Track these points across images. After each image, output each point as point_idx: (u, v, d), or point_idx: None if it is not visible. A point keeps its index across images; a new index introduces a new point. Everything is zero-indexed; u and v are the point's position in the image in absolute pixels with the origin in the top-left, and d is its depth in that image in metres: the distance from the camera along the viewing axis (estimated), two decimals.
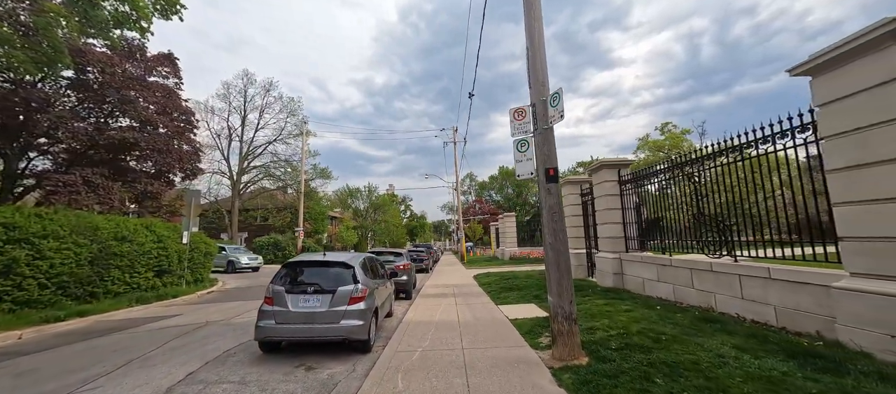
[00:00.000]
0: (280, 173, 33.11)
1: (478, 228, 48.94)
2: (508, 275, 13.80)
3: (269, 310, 4.75)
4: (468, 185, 70.65)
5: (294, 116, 32.76)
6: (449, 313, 7.41)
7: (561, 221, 4.43)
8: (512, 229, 25.40)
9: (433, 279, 14.68)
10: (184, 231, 12.46)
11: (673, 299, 6.97)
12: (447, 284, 12.77)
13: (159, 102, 15.17)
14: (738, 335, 4.35)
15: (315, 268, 5.13)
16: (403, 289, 9.64)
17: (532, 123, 4.71)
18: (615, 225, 9.17)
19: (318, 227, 36.00)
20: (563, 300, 4.19)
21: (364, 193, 48.57)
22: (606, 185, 9.33)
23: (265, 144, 32.29)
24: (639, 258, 8.18)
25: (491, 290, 10.37)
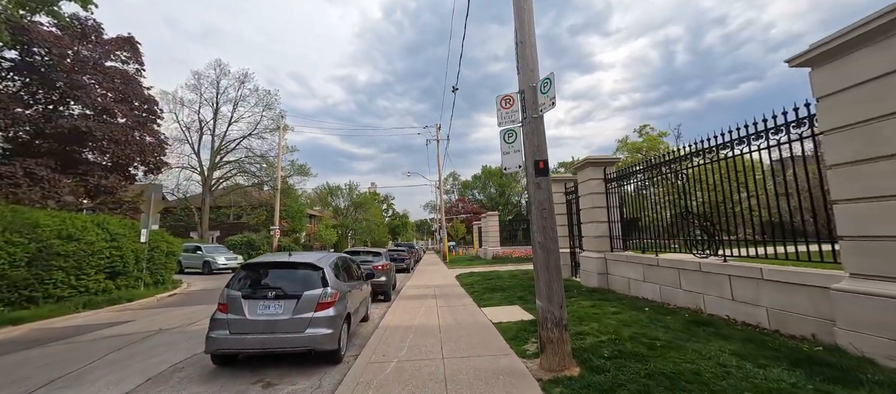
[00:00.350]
0: (255, 169, 31.72)
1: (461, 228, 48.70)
2: (491, 275, 13.49)
3: (222, 318, 4.17)
4: (451, 184, 70.39)
5: (270, 110, 31.48)
6: (429, 316, 6.97)
7: (551, 218, 4.07)
8: (495, 229, 25.20)
9: (414, 279, 14.20)
10: (142, 229, 11.49)
11: (660, 300, 6.78)
12: (428, 284, 12.33)
13: (117, 89, 14.01)
14: (734, 340, 4.12)
15: (279, 270, 4.57)
16: (382, 290, 9.13)
17: (521, 112, 4.33)
18: (600, 224, 8.97)
19: (295, 225, 34.75)
20: (553, 305, 3.83)
21: (345, 191, 47.39)
22: (592, 183, 9.12)
23: (239, 139, 30.84)
24: (624, 258, 7.98)
25: (473, 291, 10.00)
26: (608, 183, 9.00)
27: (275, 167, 29.31)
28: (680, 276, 6.28)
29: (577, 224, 10.52)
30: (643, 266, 7.31)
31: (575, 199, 11.11)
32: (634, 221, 8.40)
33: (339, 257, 5.44)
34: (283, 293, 4.27)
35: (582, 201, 9.65)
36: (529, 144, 4.15)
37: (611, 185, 8.93)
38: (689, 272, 6.08)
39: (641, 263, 7.37)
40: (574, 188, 10.98)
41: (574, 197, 11.15)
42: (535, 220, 4.09)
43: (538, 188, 4.08)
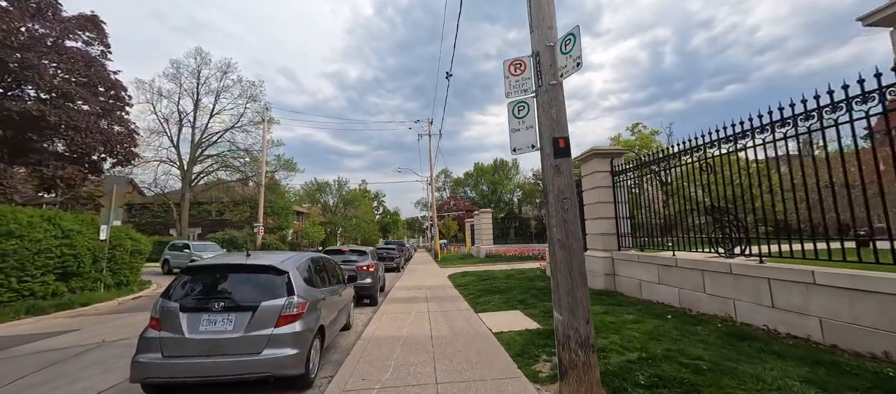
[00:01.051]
0: (239, 164, 30.36)
1: (452, 225, 47.95)
2: (486, 275, 12.70)
3: (153, 338, 3.25)
4: (443, 181, 69.54)
5: (255, 102, 30.10)
6: (420, 323, 6.13)
7: (574, 209, 3.27)
8: (488, 226, 24.46)
9: (404, 279, 13.34)
10: (102, 225, 10.37)
11: (679, 305, 6.06)
12: (419, 285, 11.48)
13: (79, 72, 12.75)
14: (794, 360, 3.38)
15: (231, 274, 3.66)
16: (368, 294, 8.24)
17: (535, 79, 3.50)
18: (607, 220, 8.23)
19: (281, 222, 33.50)
20: (577, 319, 3.03)
21: (334, 188, 46.14)
22: (598, 176, 8.37)
23: (221, 132, 29.43)
24: (635, 258, 7.25)
25: (468, 293, 9.18)
26: (616, 176, 8.26)
27: (259, 162, 28.00)
28: (704, 278, 5.55)
29: (582, 221, 9.79)
30: (658, 267, 6.58)
31: (577, 193, 10.38)
32: (646, 218, 7.68)
33: (310, 258, 4.55)
34: (235, 304, 3.38)
35: (586, 196, 8.91)
36: (546, 118, 3.33)
37: (619, 178, 8.20)
38: (715, 275, 5.36)
39: (655, 264, 6.64)
40: (577, 182, 10.25)
41: (577, 191, 10.41)
42: (553, 212, 3.28)
43: (557, 173, 3.26)
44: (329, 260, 5.62)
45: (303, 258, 4.28)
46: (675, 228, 7.14)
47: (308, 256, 4.50)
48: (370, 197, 75.80)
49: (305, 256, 4.43)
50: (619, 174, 8.15)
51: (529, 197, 62.84)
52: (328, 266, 5.33)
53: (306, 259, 4.36)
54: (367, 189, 77.96)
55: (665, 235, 7.20)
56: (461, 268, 17.10)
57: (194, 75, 28.84)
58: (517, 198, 64.88)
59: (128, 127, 15.42)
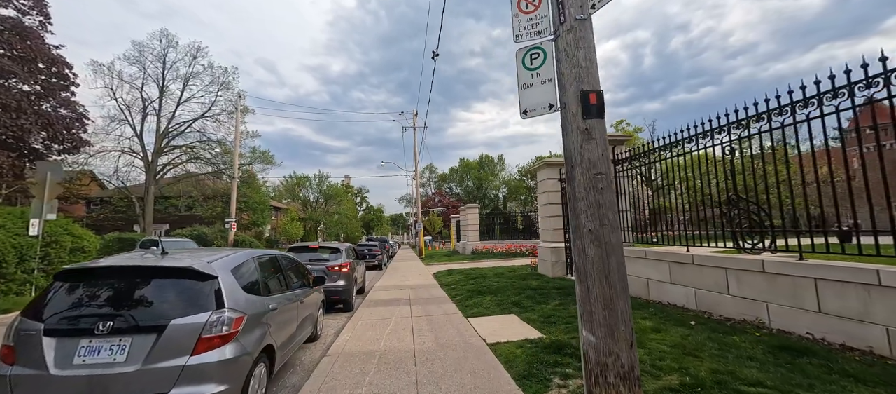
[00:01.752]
0: (210, 156, 28.50)
1: (437, 221, 47.08)
2: (474, 273, 11.87)
3: (2, 376, 2.21)
4: (427, 177, 68.53)
5: (227, 90, 28.27)
6: (401, 333, 5.21)
7: (610, 190, 2.42)
8: (475, 222, 23.69)
9: (386, 278, 12.36)
10: (32, 219, 8.94)
11: (695, 308, 5.36)
12: (402, 284, 10.54)
13: (10, 44, 11.11)
14: (881, 385, 2.64)
15: (132, 281, 2.63)
16: (341, 298, 7.24)
17: (554, 16, 2.62)
18: None
19: (257, 218, 31.80)
20: (619, 341, 2.18)
21: (314, 182, 44.43)
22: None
23: (190, 121, 27.49)
24: (641, 255, 6.54)
25: (456, 293, 8.31)
26: (619, 164, 7.54)
27: (232, 154, 26.28)
28: (728, 277, 4.85)
29: None
30: (670, 264, 5.87)
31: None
32: (654, 210, 7.00)
33: (256, 257, 3.53)
34: (130, 324, 2.36)
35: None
36: (570, 67, 2.45)
37: (622, 167, 7.48)
38: (743, 273, 4.65)
39: (666, 261, 5.94)
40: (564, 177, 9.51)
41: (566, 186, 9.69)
42: (580, 193, 2.42)
43: (588, 139, 2.40)
44: (289, 259, 4.61)
45: (243, 258, 3.27)
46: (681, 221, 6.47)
47: (252, 255, 3.48)
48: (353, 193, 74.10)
49: (248, 255, 3.41)
50: (621, 163, 7.43)
51: (514, 194, 62.62)
52: (287, 266, 4.33)
53: (249, 259, 3.34)
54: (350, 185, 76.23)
55: (668, 229, 6.52)
56: (447, 265, 16.24)
57: (160, 60, 26.76)
58: (502, 194, 64.57)
59: (75, 110, 13.78)
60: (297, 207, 44.46)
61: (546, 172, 10.32)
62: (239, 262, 3.13)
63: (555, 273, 9.81)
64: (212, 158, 28.61)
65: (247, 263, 3.24)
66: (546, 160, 10.30)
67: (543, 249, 10.37)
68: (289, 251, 7.77)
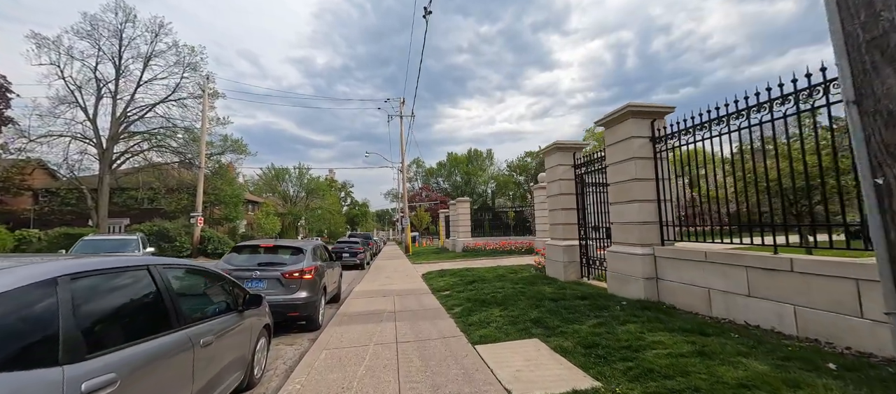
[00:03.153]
0: (176, 144, 25.94)
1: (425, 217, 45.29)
2: (470, 274, 10.24)
3: None
4: (415, 171, 66.61)
5: (195, 72, 25.71)
6: (381, 375, 3.52)
7: None
8: (466, 217, 22.08)
9: (368, 280, 10.61)
10: None
11: (794, 332, 3.84)
12: (386, 289, 8.82)
13: None
14: None
15: None
16: (302, 314, 5.47)
17: None
18: (646, 204, 5.97)
19: (230, 212, 29.37)
20: None
21: (294, 175, 41.91)
22: (633, 144, 6.06)
23: (151, 105, 24.85)
24: (700, 256, 5.01)
25: (453, 303, 6.64)
26: (658, 143, 6.00)
27: (199, 141, 23.83)
28: (860, 292, 3.34)
29: (605, 205, 7.49)
30: (749, 271, 4.35)
31: (589, 172, 8.12)
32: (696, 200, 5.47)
33: (68, 277, 1.74)
34: None
35: (612, 172, 6.60)
36: None
37: (663, 145, 5.94)
38: None
39: (743, 266, 4.41)
40: (591, 159, 7.96)
41: (587, 171, 8.15)
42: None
43: None
44: (193, 273, 2.83)
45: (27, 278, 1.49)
46: (734, 213, 4.98)
47: (57, 271, 1.70)
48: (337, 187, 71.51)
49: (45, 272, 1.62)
50: (663, 140, 5.88)
51: (503, 189, 61.44)
52: (181, 288, 2.54)
53: (55, 275, 1.56)
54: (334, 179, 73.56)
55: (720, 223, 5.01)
56: (437, 264, 14.57)
57: (116, 35, 23.97)
58: (491, 189, 63.30)
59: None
60: (277, 201, 41.90)
61: (557, 157, 8.74)
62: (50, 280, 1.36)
63: (568, 276, 8.27)
64: (178, 146, 26.08)
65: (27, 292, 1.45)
66: (559, 143, 8.72)
67: (553, 247, 8.81)
68: (232, 252, 5.94)
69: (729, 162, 5.18)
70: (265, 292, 5.31)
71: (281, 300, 5.25)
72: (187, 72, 25.49)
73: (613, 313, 5.07)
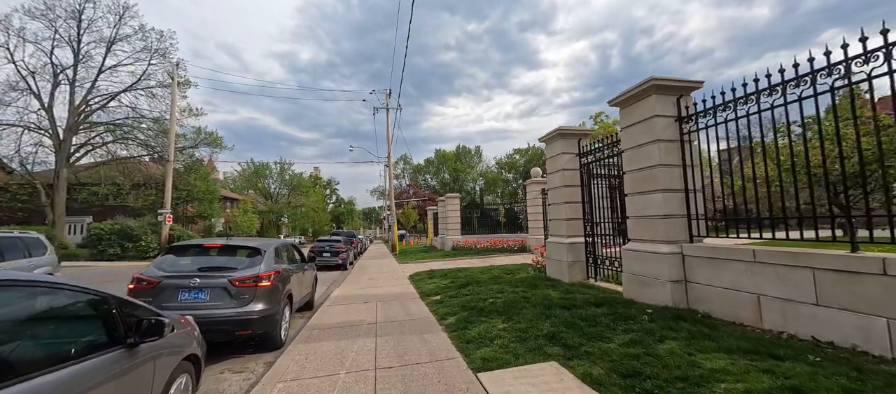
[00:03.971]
0: (143, 136, 24.07)
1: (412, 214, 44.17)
2: (462, 275, 9.25)
3: None
4: (402, 168, 65.28)
5: (164, 58, 23.88)
6: None
7: None
8: (455, 214, 21.10)
9: (349, 283, 9.50)
10: None
11: (887, 351, 3.00)
12: (368, 293, 7.75)
13: None
14: None
15: None
16: (255, 332, 4.36)
17: None
18: (672, 194, 5.09)
19: (204, 210, 27.61)
20: None
21: (275, 171, 40.09)
22: (656, 124, 5.17)
23: (115, 94, 22.94)
24: (746, 256, 4.14)
25: (445, 311, 5.63)
26: (686, 123, 5.13)
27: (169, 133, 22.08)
28: None
29: (619, 199, 6.60)
30: (818, 273, 3.48)
31: (597, 161, 7.24)
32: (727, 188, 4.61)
33: None
34: None
35: (630, 158, 5.71)
36: None
37: (692, 125, 5.07)
38: None
39: (811, 268, 3.54)
40: (600, 145, 7.06)
41: (595, 159, 7.27)
42: None
43: None
44: (29, 288, 1.73)
45: None
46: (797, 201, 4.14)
47: None
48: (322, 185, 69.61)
49: None
50: (691, 119, 5.01)
51: (492, 187, 60.78)
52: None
53: None
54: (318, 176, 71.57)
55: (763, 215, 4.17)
56: (425, 264, 13.55)
57: (74, 17, 21.96)
58: (480, 187, 62.55)
59: None
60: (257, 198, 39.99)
61: (560, 145, 7.83)
62: None
63: (573, 277, 7.38)
64: (146, 138, 24.22)
65: None
66: (562, 129, 7.80)
67: (555, 245, 7.91)
68: (167, 254, 4.80)
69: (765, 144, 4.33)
70: (207, 306, 4.21)
71: (227, 315, 4.14)
72: (155, 58, 23.66)
73: (642, 324, 4.16)
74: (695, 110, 4.97)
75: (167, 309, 3.95)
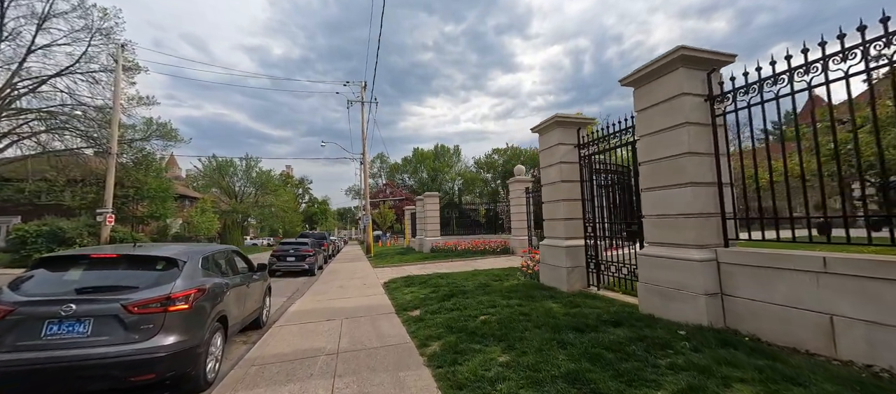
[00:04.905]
0: (83, 127, 21.36)
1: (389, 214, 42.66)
2: (444, 282, 8.13)
3: None
4: (378, 166, 63.40)
5: (108, 39, 21.30)
6: None
7: None
8: (435, 214, 19.98)
9: (313, 294, 8.16)
10: None
11: None
12: (334, 307, 6.48)
13: None
14: None
15: None
16: (169, 374, 3.07)
17: None
18: (702, 189, 4.21)
19: (157, 209, 25.03)
20: None
21: (240, 168, 37.39)
22: (683, 104, 4.27)
23: (47, 78, 20.17)
24: (797, 263, 3.27)
25: (427, 334, 4.48)
26: (718, 102, 4.27)
27: (112, 122, 19.59)
28: None
29: (631, 194, 5.68)
30: None
31: (601, 153, 6.34)
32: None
33: None
34: None
35: (647, 147, 4.80)
36: None
37: (727, 105, 4.21)
38: None
39: None
40: (605, 134, 6.15)
41: (597, 152, 6.37)
42: None
43: None
44: None
45: None
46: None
47: None
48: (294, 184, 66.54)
49: None
50: (725, 98, 4.14)
51: (470, 187, 60.10)
52: None
53: None
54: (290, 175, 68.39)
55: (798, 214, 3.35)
56: (402, 268, 12.34)
57: None
58: (458, 186, 61.71)
59: None
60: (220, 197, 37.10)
61: (557, 134, 6.89)
62: None
63: (572, 286, 6.44)
64: (86, 128, 21.50)
65: None
66: (560, 116, 6.86)
67: (551, 248, 6.95)
68: (36, 268, 3.40)
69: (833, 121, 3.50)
70: (87, 342, 2.91)
71: (116, 355, 2.86)
72: (98, 39, 21.03)
73: (686, 356, 3.21)
74: (733, 87, 4.09)
75: (22, 351, 2.68)
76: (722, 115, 4.26)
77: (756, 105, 3.94)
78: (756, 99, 3.88)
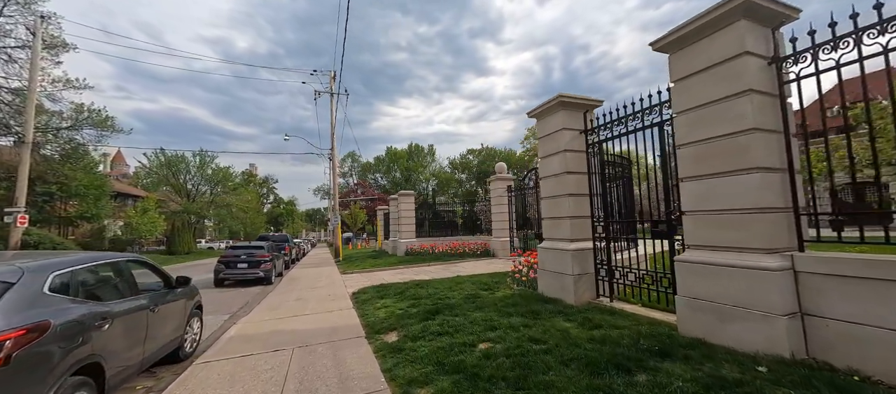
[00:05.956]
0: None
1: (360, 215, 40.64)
2: (425, 293, 6.85)
3: None
4: (350, 165, 60.90)
5: (26, 9, 18.25)
6: None
7: None
8: (410, 214, 18.59)
9: (264, 309, 6.59)
10: None
11: None
12: (286, 329, 5.04)
13: None
14: None
15: None
16: None
17: None
18: (770, 175, 3.24)
19: (89, 208, 21.86)
20: None
21: (193, 163, 34.02)
22: (746, 67, 3.29)
23: None
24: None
25: (410, 376, 3.21)
26: (789, 66, 3.32)
27: (27, 105, 16.63)
28: None
29: (670, 185, 4.65)
30: None
31: (615, 137, 5.34)
32: None
33: None
34: None
35: (689, 124, 3.80)
36: None
37: (799, 67, 3.26)
38: None
39: None
40: (622, 115, 5.14)
41: (611, 137, 5.37)
42: None
43: None
44: None
45: None
46: None
47: None
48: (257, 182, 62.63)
49: None
50: (805, 56, 3.20)
51: (445, 187, 59.04)
52: None
53: None
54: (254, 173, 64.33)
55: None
56: (374, 274, 10.91)
57: None
58: (433, 187, 60.45)
59: None
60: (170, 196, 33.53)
61: (560, 118, 5.83)
62: None
63: (580, 297, 5.38)
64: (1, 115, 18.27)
65: None
66: (564, 97, 5.79)
67: (553, 252, 5.87)
68: None
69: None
70: None
71: None
72: (12, 8, 17.93)
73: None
74: (813, 42, 3.14)
75: None
76: (794, 81, 3.31)
77: (829, 70, 3.02)
78: (827, 63, 2.98)
